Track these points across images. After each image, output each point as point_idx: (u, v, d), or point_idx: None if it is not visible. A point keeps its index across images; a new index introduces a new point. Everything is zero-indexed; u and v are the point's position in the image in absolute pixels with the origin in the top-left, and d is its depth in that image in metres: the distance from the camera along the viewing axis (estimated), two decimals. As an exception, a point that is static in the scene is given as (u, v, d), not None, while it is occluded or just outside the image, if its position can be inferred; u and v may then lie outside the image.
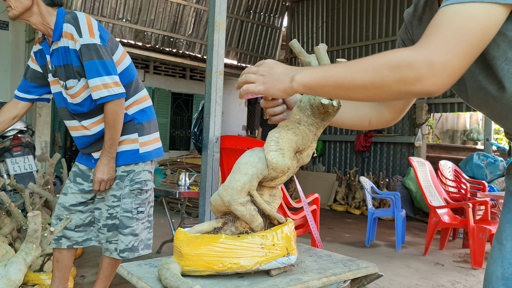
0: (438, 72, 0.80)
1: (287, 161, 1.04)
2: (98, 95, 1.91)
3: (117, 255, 2.07)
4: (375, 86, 0.84)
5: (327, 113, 1.07)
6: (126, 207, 2.06)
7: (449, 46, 0.79)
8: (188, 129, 9.39)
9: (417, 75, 0.80)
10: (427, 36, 0.83)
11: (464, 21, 0.80)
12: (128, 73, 2.09)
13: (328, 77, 0.90)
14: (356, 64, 0.88)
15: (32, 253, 1.61)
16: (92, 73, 1.91)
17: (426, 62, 0.80)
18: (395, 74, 0.82)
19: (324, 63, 1.03)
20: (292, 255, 1.04)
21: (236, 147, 3.09)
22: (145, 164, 2.11)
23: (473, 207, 4.07)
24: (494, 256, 1.06)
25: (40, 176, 2.89)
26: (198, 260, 0.99)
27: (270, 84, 0.97)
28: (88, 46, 1.91)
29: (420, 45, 0.82)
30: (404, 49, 0.83)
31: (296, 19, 9.82)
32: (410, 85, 0.82)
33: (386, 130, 7.83)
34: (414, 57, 0.81)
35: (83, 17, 1.95)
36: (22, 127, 3.63)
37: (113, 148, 1.99)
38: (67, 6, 7.26)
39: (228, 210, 1.06)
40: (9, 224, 2.57)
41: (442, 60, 0.79)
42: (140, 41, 8.22)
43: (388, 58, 0.84)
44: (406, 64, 0.81)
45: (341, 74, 0.88)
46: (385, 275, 3.50)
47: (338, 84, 0.89)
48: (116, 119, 1.95)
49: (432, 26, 0.83)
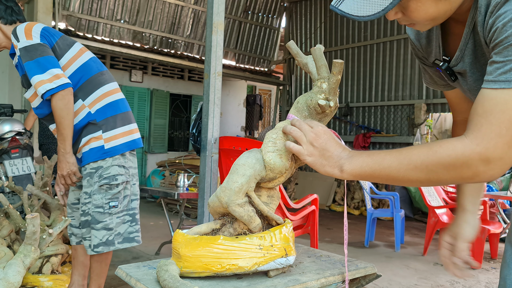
0: (496, 166, 0.80)
1: (285, 162, 1.04)
2: (40, 93, 1.94)
3: (91, 251, 2.07)
4: (430, 181, 0.86)
5: (324, 113, 1.07)
6: (96, 202, 2.06)
7: (504, 139, 0.78)
8: (186, 130, 9.39)
9: (474, 172, 0.81)
10: (478, 126, 0.80)
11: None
12: (86, 70, 2.09)
13: (380, 170, 0.89)
14: (407, 158, 0.86)
15: (30, 255, 1.61)
16: (30, 74, 1.95)
17: (482, 160, 0.79)
18: (451, 172, 0.82)
19: (321, 64, 1.03)
20: (290, 256, 1.04)
21: (234, 148, 3.09)
22: (114, 159, 2.08)
23: (471, 206, 4.06)
24: (507, 259, 1.05)
25: (38, 178, 2.88)
26: (196, 262, 0.99)
27: (318, 161, 0.95)
28: (26, 48, 1.95)
29: (473, 139, 0.80)
30: (456, 144, 0.82)
31: (294, 20, 9.83)
32: (468, 180, 0.83)
33: (385, 130, 7.84)
34: (469, 155, 0.80)
35: (23, 25, 2.01)
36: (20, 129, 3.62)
37: (65, 143, 1.99)
38: (65, 8, 7.26)
39: (226, 212, 1.06)
40: (8, 226, 2.57)
41: (498, 155, 0.79)
42: (138, 42, 8.21)
43: (441, 156, 0.82)
44: (462, 163, 0.81)
45: (393, 168, 0.87)
46: (384, 275, 3.50)
47: (390, 178, 0.89)
48: (61, 114, 1.95)
49: (481, 114, 0.80)
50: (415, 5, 0.84)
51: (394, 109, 7.75)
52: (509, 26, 0.77)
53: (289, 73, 9.88)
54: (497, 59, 0.80)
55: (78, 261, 2.22)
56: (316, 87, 1.06)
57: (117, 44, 7.22)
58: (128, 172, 2.13)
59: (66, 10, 7.30)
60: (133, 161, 2.19)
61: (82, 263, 2.21)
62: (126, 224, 2.16)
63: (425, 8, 0.85)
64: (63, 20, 7.19)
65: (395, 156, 0.88)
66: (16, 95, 6.85)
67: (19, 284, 1.56)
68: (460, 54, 0.96)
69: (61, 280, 2.60)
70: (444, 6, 0.85)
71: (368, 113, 8.16)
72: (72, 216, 2.22)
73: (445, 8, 0.86)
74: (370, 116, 8.14)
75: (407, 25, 0.95)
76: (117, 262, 3.51)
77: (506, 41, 0.77)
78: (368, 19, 0.83)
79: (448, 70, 1.00)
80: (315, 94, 1.05)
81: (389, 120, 7.84)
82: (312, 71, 1.09)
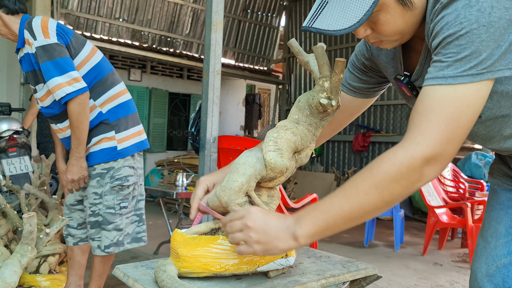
0: (438, 162, 0.80)
1: (286, 161, 1.03)
2: (58, 96, 1.91)
3: (101, 252, 2.07)
4: (386, 202, 0.82)
5: (326, 112, 1.06)
6: (108, 203, 2.05)
7: (443, 135, 0.78)
8: (185, 129, 9.37)
9: (421, 173, 0.80)
10: (417, 126, 0.80)
11: (456, 106, 0.79)
12: (99, 70, 2.07)
13: (333, 218, 0.84)
14: (354, 189, 0.83)
15: (27, 255, 1.59)
16: (47, 75, 1.91)
17: (425, 159, 0.79)
18: (401, 183, 0.81)
19: (323, 63, 1.02)
20: (290, 257, 1.03)
21: (233, 147, 3.08)
22: (125, 160, 2.08)
23: (471, 206, 4.07)
24: (479, 253, 1.08)
25: (36, 177, 2.86)
26: (195, 262, 0.98)
27: (270, 244, 0.87)
28: (44, 47, 1.91)
29: (413, 139, 0.80)
30: (396, 151, 0.81)
31: (294, 19, 9.82)
32: (417, 183, 0.81)
33: (385, 130, 7.83)
34: (411, 157, 0.79)
35: (38, 20, 1.95)
36: (18, 128, 3.60)
37: (80, 148, 1.97)
38: (63, 6, 7.23)
39: (226, 211, 1.05)
40: (5, 226, 2.55)
41: (439, 151, 0.79)
42: (137, 41, 8.19)
43: (386, 170, 0.81)
44: (407, 169, 0.80)
45: (345, 208, 0.83)
46: (384, 275, 3.49)
47: (347, 219, 0.84)
48: (79, 119, 1.93)
49: (421, 112, 0.81)
50: (384, 17, 0.86)
51: (393, 108, 7.75)
52: (446, 28, 0.79)
53: (288, 72, 9.87)
54: (436, 58, 0.82)
55: (75, 261, 2.20)
56: (318, 85, 1.04)
57: (116, 43, 7.20)
58: (136, 172, 2.14)
59: (64, 8, 7.27)
60: (141, 161, 2.20)
61: (78, 263, 2.20)
62: (134, 224, 2.17)
63: (394, 20, 0.86)
64: (61, 18, 7.16)
65: (341, 194, 0.84)
66: (14, 93, 6.83)
67: (16, 284, 1.55)
68: (420, 68, 0.97)
69: (59, 280, 2.59)
70: (410, 19, 0.87)
71: (368, 113, 8.16)
72: (70, 216, 2.20)
73: (412, 21, 0.88)
74: (369, 116, 8.14)
75: (373, 44, 0.95)
76: (115, 261, 3.49)
77: (444, 41, 0.80)
78: (344, 33, 0.83)
79: (409, 85, 1.01)
80: (317, 93, 1.04)
81: (388, 119, 7.83)
82: (313, 69, 1.07)
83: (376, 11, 0.86)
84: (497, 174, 1.14)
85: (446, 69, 0.79)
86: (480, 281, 1.05)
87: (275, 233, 0.87)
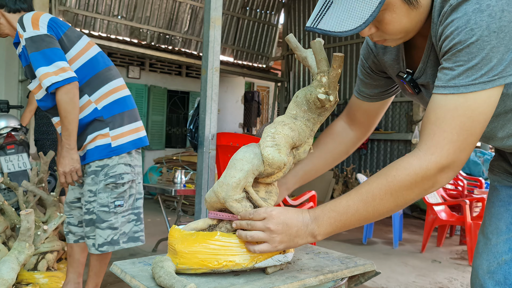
0: (451, 169, 0.84)
1: (283, 157, 1.02)
2: (45, 85, 1.89)
3: (96, 250, 2.04)
4: (399, 206, 0.88)
5: (324, 108, 1.05)
6: (102, 201, 2.02)
7: (456, 144, 0.81)
8: (184, 126, 9.36)
9: (434, 181, 0.85)
10: (431, 136, 0.83)
11: (468, 116, 0.80)
12: (94, 64, 2.05)
13: (350, 219, 0.91)
14: (370, 195, 0.88)
15: (25, 252, 1.58)
16: (35, 65, 1.90)
17: (439, 168, 0.83)
18: (415, 190, 0.85)
19: (321, 58, 1.01)
20: (288, 253, 1.03)
21: (232, 145, 3.07)
22: (120, 157, 2.05)
23: (470, 204, 4.08)
24: (480, 250, 1.09)
25: (34, 174, 2.85)
26: (192, 258, 0.97)
27: (291, 242, 0.95)
28: (32, 38, 1.90)
29: (428, 149, 0.83)
30: (411, 161, 0.85)
31: (292, 16, 9.80)
32: (430, 189, 0.86)
33: (383, 127, 7.83)
34: (426, 167, 0.83)
35: (30, 14, 1.95)
36: (16, 125, 3.58)
37: (70, 139, 1.94)
38: (61, 3, 7.21)
39: (223, 207, 1.04)
40: (3, 223, 2.55)
41: (452, 160, 0.82)
42: (135, 38, 8.17)
43: (402, 179, 0.85)
44: (421, 177, 0.84)
45: (361, 211, 0.90)
46: (383, 272, 3.49)
47: (362, 220, 0.91)
48: (66, 108, 1.90)
49: (434, 122, 0.83)
50: (390, 16, 0.86)
51: (392, 106, 7.74)
52: (456, 34, 0.79)
53: (287, 70, 9.85)
54: (446, 65, 0.82)
55: (74, 259, 2.19)
56: (315, 81, 1.04)
57: (114, 40, 7.18)
58: (134, 170, 2.09)
59: (62, 6, 7.25)
60: (139, 159, 2.16)
61: (78, 261, 2.18)
62: (131, 223, 2.13)
63: (399, 19, 0.86)
64: (59, 15, 7.13)
65: (357, 198, 0.90)
66: (12, 91, 6.81)
67: (13, 280, 1.54)
68: (422, 66, 0.97)
69: (57, 277, 2.58)
70: (416, 17, 0.87)
71: (366, 110, 8.14)
72: (70, 214, 2.19)
73: (416, 19, 0.88)
74: (368, 113, 8.12)
75: (377, 42, 0.95)
76: (114, 258, 3.49)
77: (454, 48, 0.80)
78: (351, 34, 0.83)
79: (412, 82, 1.02)
80: (315, 88, 1.03)
81: (387, 117, 7.83)
82: (311, 65, 1.06)
83: (382, 10, 0.85)
84: (497, 171, 1.14)
85: (457, 78, 0.80)
86: (482, 278, 1.05)
87: (296, 231, 0.94)
